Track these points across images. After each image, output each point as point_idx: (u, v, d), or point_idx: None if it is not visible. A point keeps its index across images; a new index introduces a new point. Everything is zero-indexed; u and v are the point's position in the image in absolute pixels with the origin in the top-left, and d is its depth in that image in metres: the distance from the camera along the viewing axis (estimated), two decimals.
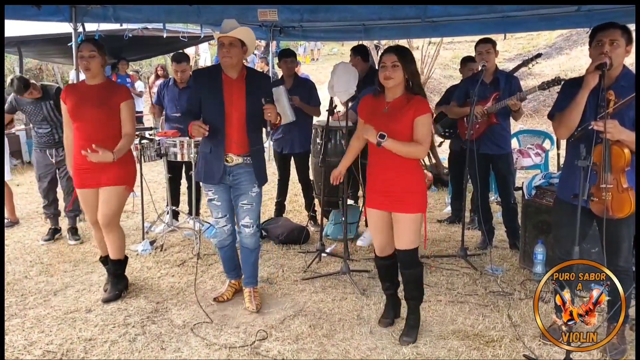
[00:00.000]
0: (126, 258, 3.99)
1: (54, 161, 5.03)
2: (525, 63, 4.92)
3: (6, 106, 5.10)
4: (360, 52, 5.14)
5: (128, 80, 10.04)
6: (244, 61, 3.55)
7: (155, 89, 9.98)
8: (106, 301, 3.77)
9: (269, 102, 3.34)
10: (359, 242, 5.04)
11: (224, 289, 3.87)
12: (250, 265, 3.70)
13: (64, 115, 3.72)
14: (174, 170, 5.40)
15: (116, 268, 3.89)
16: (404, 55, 3.01)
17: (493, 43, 4.53)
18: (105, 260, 3.98)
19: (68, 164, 3.87)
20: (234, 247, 3.79)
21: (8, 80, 4.87)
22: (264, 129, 3.56)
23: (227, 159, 3.46)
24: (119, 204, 3.76)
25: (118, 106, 3.66)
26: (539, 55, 5.02)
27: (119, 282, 3.90)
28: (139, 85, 10.89)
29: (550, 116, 3.11)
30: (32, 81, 5.00)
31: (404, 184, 3.07)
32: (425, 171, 7.43)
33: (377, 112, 3.10)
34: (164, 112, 5.53)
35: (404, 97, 3.04)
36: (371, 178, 3.20)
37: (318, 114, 5.38)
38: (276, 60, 6.55)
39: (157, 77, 10.31)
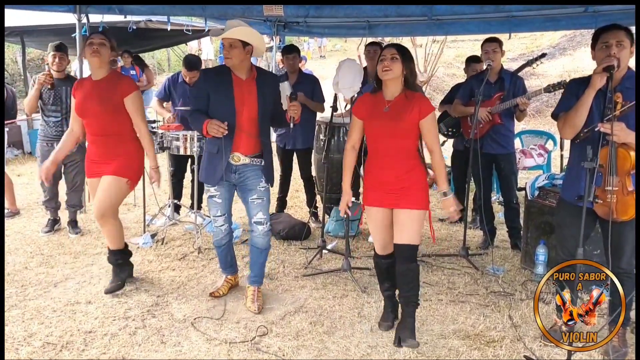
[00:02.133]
0: (126, 246, 3.93)
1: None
2: (529, 63, 4.90)
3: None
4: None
5: (132, 72, 9.99)
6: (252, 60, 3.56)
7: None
8: (108, 292, 3.73)
9: (294, 99, 3.42)
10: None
11: (220, 284, 3.86)
12: (258, 265, 3.68)
13: (72, 110, 3.73)
14: (179, 163, 5.39)
15: (116, 258, 3.84)
16: (404, 51, 3.00)
17: (499, 42, 4.52)
18: (111, 254, 3.89)
19: (61, 151, 3.79)
20: (230, 245, 3.79)
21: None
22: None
23: (234, 158, 3.46)
24: (117, 196, 3.64)
25: (122, 101, 3.59)
26: (543, 55, 5.01)
27: (121, 271, 3.87)
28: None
29: (555, 116, 3.09)
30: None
31: (406, 182, 3.04)
32: (428, 169, 7.46)
33: (377, 112, 3.03)
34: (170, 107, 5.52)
35: (404, 95, 3.01)
36: (371, 177, 3.15)
37: (322, 110, 5.37)
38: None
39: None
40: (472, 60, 5.49)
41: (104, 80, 3.61)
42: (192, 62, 5.30)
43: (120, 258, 3.87)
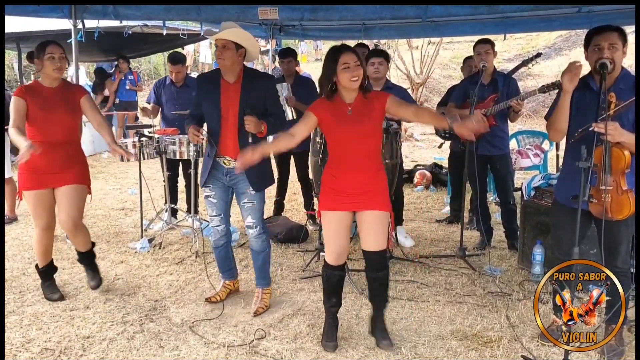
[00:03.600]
0: (93, 244, 4.00)
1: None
2: (525, 63, 4.91)
3: None
4: (383, 55, 5.03)
5: (130, 77, 10.04)
6: (247, 64, 3.55)
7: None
8: (95, 287, 3.88)
9: (248, 113, 3.32)
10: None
11: (218, 289, 3.85)
12: (257, 268, 3.70)
13: (18, 115, 3.48)
14: (171, 167, 5.39)
15: (91, 259, 3.95)
16: (360, 55, 2.98)
17: (492, 44, 4.53)
18: (46, 270, 3.84)
19: (19, 144, 3.36)
20: (228, 247, 3.78)
21: None
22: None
23: (225, 161, 3.49)
24: (83, 204, 3.73)
25: (79, 105, 3.65)
26: (538, 55, 5.02)
27: (95, 270, 3.95)
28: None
29: (547, 119, 3.14)
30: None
31: (371, 185, 3.03)
32: (423, 170, 7.50)
33: (341, 116, 2.97)
34: (159, 111, 5.52)
35: (362, 96, 2.99)
36: (334, 182, 3.05)
37: None
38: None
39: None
40: (469, 57, 5.51)
41: (60, 87, 3.63)
42: (175, 57, 5.40)
43: (94, 257, 3.98)
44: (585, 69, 2.90)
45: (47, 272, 3.84)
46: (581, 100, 2.96)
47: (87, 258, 3.92)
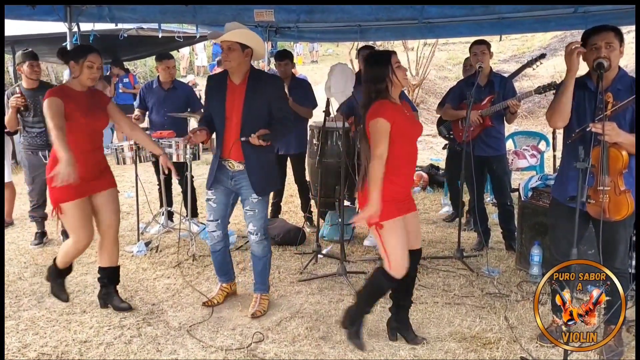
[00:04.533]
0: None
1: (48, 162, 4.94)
2: (529, 64, 4.87)
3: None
4: None
5: (126, 80, 10.04)
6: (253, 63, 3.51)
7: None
8: (129, 309, 3.66)
9: (265, 139, 3.28)
10: (366, 242, 5.02)
11: (215, 293, 3.84)
12: (257, 273, 3.68)
13: (59, 115, 3.27)
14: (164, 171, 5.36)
15: (118, 277, 3.77)
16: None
17: (487, 44, 4.54)
18: (65, 270, 3.73)
19: (59, 151, 3.13)
20: (225, 252, 3.77)
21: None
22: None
23: (229, 164, 3.46)
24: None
25: (108, 111, 3.57)
26: (543, 56, 4.97)
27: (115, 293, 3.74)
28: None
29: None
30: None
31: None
32: (420, 172, 7.50)
33: (406, 117, 2.99)
34: (146, 115, 5.48)
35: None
36: (395, 188, 2.95)
37: (310, 115, 5.37)
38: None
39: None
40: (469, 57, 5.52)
41: (90, 92, 3.51)
42: (163, 53, 5.41)
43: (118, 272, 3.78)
44: (583, 69, 2.90)
45: (65, 271, 3.74)
46: (579, 100, 2.95)
47: (115, 275, 3.73)
